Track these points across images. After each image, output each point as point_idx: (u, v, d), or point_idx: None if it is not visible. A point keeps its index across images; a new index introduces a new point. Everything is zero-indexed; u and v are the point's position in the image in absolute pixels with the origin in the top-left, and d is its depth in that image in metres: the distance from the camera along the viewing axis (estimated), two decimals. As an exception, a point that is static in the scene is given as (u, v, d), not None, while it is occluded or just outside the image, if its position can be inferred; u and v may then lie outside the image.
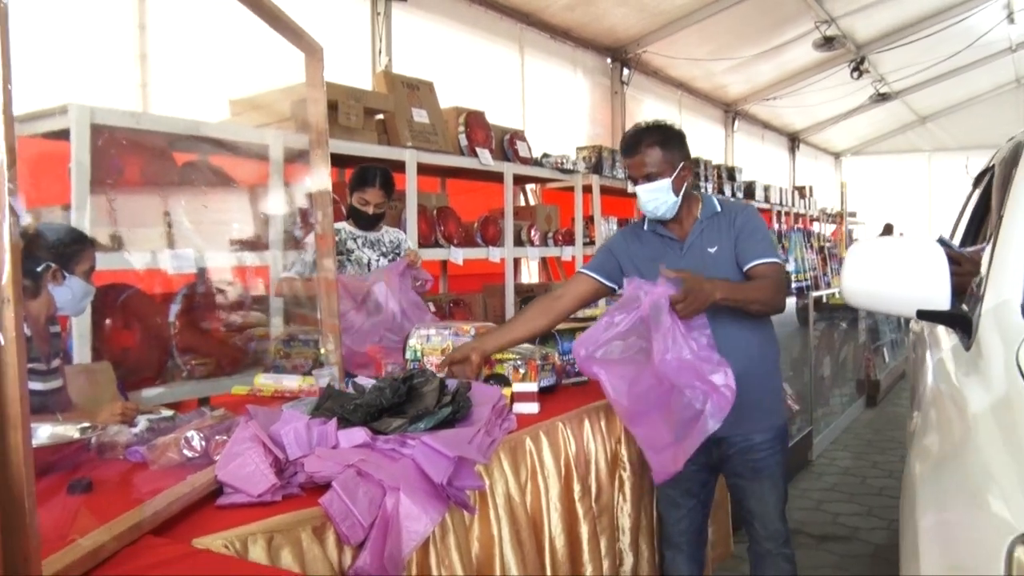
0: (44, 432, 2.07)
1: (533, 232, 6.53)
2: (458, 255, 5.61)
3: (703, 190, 9.07)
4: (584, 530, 2.70)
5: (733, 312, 2.75)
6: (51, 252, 2.55)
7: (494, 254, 6.01)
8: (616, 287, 3.06)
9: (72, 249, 2.65)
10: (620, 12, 8.79)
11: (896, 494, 5.31)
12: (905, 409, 7.91)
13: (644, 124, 2.93)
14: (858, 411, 7.85)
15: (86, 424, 2.22)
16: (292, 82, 4.06)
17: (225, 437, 1.96)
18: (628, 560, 3.01)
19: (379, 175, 4.08)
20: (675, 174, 2.82)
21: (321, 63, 2.70)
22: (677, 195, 2.84)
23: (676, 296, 2.49)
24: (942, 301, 2.08)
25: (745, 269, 2.81)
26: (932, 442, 1.94)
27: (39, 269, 2.50)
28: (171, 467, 1.95)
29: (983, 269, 2.24)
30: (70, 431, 2.15)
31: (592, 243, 7.19)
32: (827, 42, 10.60)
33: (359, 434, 2.02)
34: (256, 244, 4.27)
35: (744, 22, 9.72)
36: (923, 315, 2.15)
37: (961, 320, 2.11)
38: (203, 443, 1.98)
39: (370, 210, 4.04)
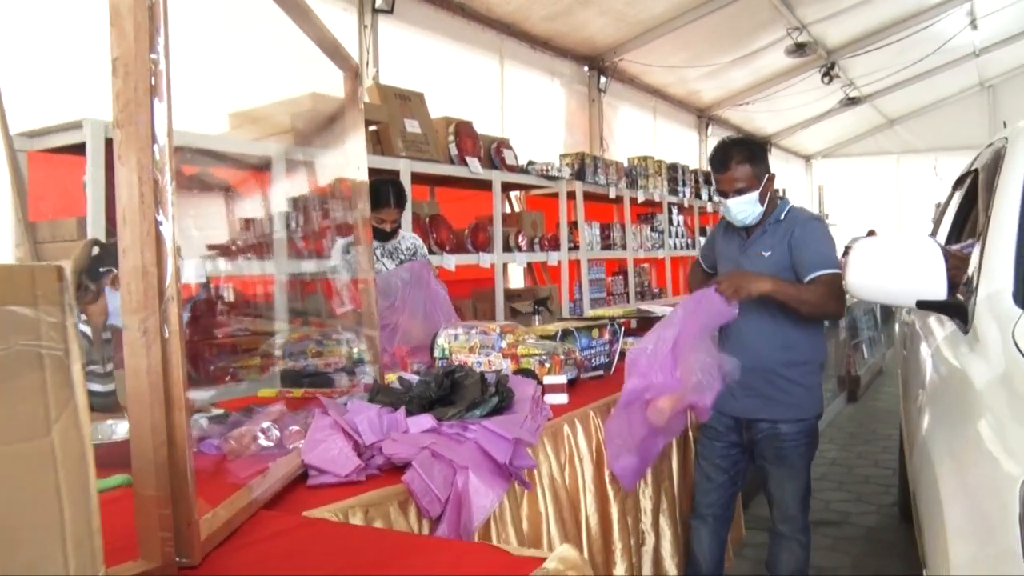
0: (123, 428, 2.23)
1: (520, 238, 6.67)
2: (450, 262, 5.74)
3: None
4: (614, 510, 2.90)
5: (765, 305, 3.03)
6: (114, 262, 2.70)
7: (484, 260, 6.14)
8: (714, 272, 3.41)
9: None
10: (599, 22, 8.98)
11: (883, 482, 5.57)
12: (885, 403, 8.20)
13: (730, 140, 3.19)
14: (840, 405, 8.08)
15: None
16: (289, 95, 4.17)
17: (296, 428, 2.14)
18: (649, 539, 3.21)
19: (392, 194, 4.18)
20: (761, 186, 3.08)
21: (357, 78, 2.89)
22: (763, 205, 3.11)
23: (719, 277, 2.90)
24: (939, 292, 2.30)
25: (806, 280, 3.03)
26: (941, 414, 2.17)
27: (102, 270, 2.64)
28: (249, 456, 2.12)
29: (973, 263, 2.47)
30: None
31: (576, 248, 7.37)
32: (799, 48, 10.85)
33: (426, 420, 2.23)
34: (263, 251, 4.37)
35: (718, 30, 9.92)
36: (922, 305, 2.37)
37: (957, 308, 2.33)
38: (278, 433, 2.16)
39: (387, 227, 4.17)
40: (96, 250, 2.97)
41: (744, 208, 3.09)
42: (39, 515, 0.75)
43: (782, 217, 3.16)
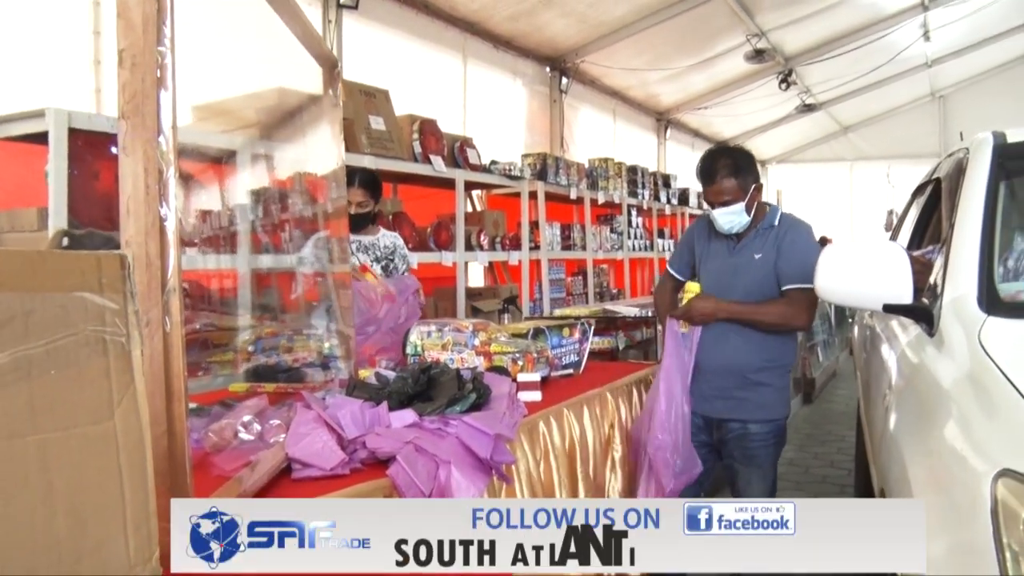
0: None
1: (482, 237, 6.69)
2: (413, 259, 5.74)
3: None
4: (586, 505, 2.94)
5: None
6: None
7: (447, 258, 6.15)
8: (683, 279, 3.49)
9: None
10: (562, 23, 9.03)
11: (839, 481, 5.66)
12: (839, 404, 8.33)
13: (717, 151, 3.28)
14: (796, 407, 8.15)
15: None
16: (256, 89, 4.13)
17: (278, 422, 2.15)
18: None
19: (358, 174, 4.12)
20: (748, 196, 3.16)
21: (335, 72, 2.90)
22: (749, 214, 3.19)
23: (676, 312, 3.16)
24: (906, 296, 2.38)
25: (782, 290, 3.16)
26: (910, 413, 2.26)
27: None
28: (231, 450, 2.12)
29: (937, 269, 2.55)
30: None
31: (537, 247, 7.40)
32: (757, 54, 11.03)
33: (409, 415, 2.25)
34: (233, 245, 4.33)
35: (679, 34, 10.03)
36: (889, 308, 2.44)
37: (923, 312, 2.41)
38: (259, 427, 2.16)
39: (352, 209, 4.01)
40: (66, 241, 2.95)
41: (731, 219, 3.17)
42: (104, 497, 0.76)
43: (776, 222, 3.25)
